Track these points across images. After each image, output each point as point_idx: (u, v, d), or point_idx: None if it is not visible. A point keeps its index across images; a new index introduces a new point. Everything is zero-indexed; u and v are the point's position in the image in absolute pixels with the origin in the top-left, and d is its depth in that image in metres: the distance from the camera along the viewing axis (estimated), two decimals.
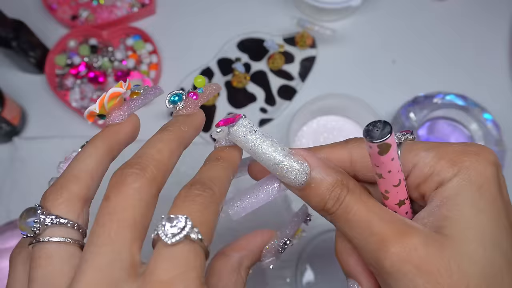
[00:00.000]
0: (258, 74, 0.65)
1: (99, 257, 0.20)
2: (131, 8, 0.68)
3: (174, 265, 0.21)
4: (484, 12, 0.68)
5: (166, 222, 0.21)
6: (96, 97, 0.63)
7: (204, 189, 0.24)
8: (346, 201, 0.25)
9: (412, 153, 0.26)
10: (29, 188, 0.59)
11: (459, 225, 0.23)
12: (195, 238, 0.21)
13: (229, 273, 0.29)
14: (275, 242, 0.33)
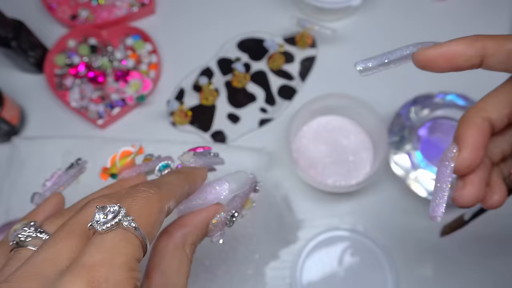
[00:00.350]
0: (258, 74, 0.65)
1: (38, 256, 0.22)
2: (130, 7, 0.68)
3: (100, 250, 0.21)
4: (484, 12, 0.68)
5: (99, 211, 0.22)
6: (96, 97, 0.63)
7: (150, 187, 0.25)
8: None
9: None
10: (29, 188, 0.58)
11: None
12: (128, 225, 0.22)
13: (172, 251, 0.28)
14: (221, 216, 0.31)
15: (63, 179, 0.33)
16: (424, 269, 0.56)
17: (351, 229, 0.56)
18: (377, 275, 0.55)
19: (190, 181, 0.29)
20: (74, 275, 0.20)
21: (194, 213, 0.31)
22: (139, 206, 0.23)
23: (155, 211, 0.24)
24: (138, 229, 0.22)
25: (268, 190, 0.57)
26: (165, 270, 0.28)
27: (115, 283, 0.20)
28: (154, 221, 0.24)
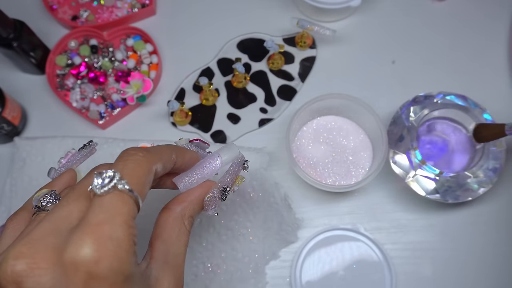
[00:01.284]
0: (258, 74, 0.65)
1: (53, 214, 0.26)
2: (131, 8, 0.68)
3: (102, 210, 0.25)
4: (484, 12, 0.68)
5: (98, 177, 0.26)
6: (96, 97, 0.63)
7: (138, 151, 0.29)
8: None
9: None
10: (30, 188, 0.59)
11: None
12: (122, 188, 0.26)
13: (172, 224, 0.32)
14: (214, 191, 0.35)
15: (76, 158, 0.37)
16: (423, 269, 0.56)
17: (351, 228, 0.56)
18: (376, 275, 0.55)
19: (177, 152, 0.33)
20: (84, 233, 0.24)
21: (190, 190, 0.34)
22: (130, 168, 0.27)
23: (144, 172, 0.28)
24: (131, 190, 0.26)
25: (268, 190, 0.57)
26: (166, 239, 0.31)
27: (117, 239, 0.24)
28: (144, 181, 0.28)
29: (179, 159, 0.33)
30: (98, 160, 0.60)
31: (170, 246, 0.31)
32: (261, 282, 0.55)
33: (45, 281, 0.23)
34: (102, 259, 0.23)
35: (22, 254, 0.24)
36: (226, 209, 0.56)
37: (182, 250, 0.32)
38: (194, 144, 0.37)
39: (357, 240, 0.56)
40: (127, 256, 0.24)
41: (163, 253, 0.31)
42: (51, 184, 0.35)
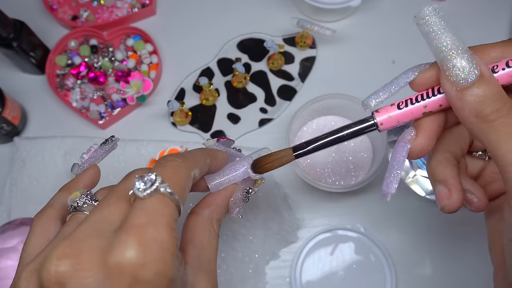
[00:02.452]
0: (258, 74, 0.65)
1: (95, 216, 0.26)
2: (131, 8, 0.68)
3: (145, 213, 0.24)
4: (484, 12, 0.68)
5: (139, 180, 0.25)
6: (96, 97, 0.63)
7: (176, 157, 0.29)
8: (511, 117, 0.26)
9: None
10: (30, 188, 0.59)
11: None
12: (164, 191, 0.25)
13: (202, 227, 0.32)
14: (238, 193, 0.35)
15: (98, 153, 0.37)
16: (423, 268, 0.56)
17: (351, 228, 0.56)
18: (376, 275, 0.55)
19: (211, 155, 0.33)
20: (128, 234, 0.23)
21: (215, 194, 0.35)
22: (170, 173, 0.27)
23: (184, 177, 0.28)
24: (173, 193, 0.26)
25: (268, 190, 0.57)
26: (198, 244, 0.31)
27: (162, 241, 0.24)
28: (184, 186, 0.28)
29: (212, 162, 0.33)
30: None
31: (202, 251, 0.31)
32: (261, 282, 0.55)
33: (89, 283, 0.23)
34: (147, 262, 0.23)
35: (66, 254, 0.23)
36: None
37: (214, 254, 0.32)
38: (221, 143, 0.37)
39: (357, 240, 0.56)
40: (171, 259, 0.24)
41: (196, 258, 0.31)
42: (75, 180, 0.34)
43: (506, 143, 0.25)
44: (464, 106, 0.27)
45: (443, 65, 0.27)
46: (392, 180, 0.31)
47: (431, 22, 0.27)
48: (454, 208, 0.31)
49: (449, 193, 0.31)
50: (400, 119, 0.30)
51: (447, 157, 0.32)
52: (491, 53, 0.28)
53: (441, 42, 0.27)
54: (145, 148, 0.59)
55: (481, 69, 0.26)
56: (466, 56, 0.26)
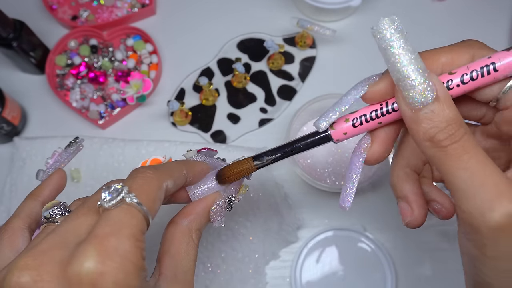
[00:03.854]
0: (258, 74, 0.65)
1: (62, 227, 0.26)
2: (131, 8, 0.68)
3: (109, 223, 0.25)
4: (484, 12, 0.68)
5: (106, 191, 0.25)
6: (96, 97, 0.63)
7: (148, 168, 0.29)
8: (464, 141, 0.25)
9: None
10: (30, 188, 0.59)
11: None
12: (130, 201, 0.25)
13: (179, 237, 0.32)
14: (220, 202, 0.34)
15: (63, 157, 0.37)
16: (423, 268, 0.56)
17: (351, 228, 0.56)
18: (376, 275, 0.55)
19: (188, 167, 0.33)
20: (89, 244, 0.23)
21: (195, 203, 0.34)
22: (139, 184, 0.27)
23: (154, 188, 0.27)
24: (140, 204, 0.26)
25: (268, 190, 0.57)
26: (174, 254, 0.31)
27: (123, 251, 0.24)
28: (154, 197, 0.27)
29: (190, 174, 0.32)
30: (98, 161, 0.60)
31: (179, 261, 0.31)
32: (261, 282, 0.55)
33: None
34: (107, 271, 0.23)
35: (27, 266, 0.24)
36: None
37: (191, 265, 0.31)
38: (202, 154, 0.36)
39: (357, 240, 0.56)
40: (134, 269, 0.24)
41: (172, 269, 0.30)
42: (40, 187, 0.34)
43: (458, 168, 0.25)
44: (418, 130, 0.26)
45: (399, 85, 0.26)
46: (348, 193, 0.32)
47: (388, 36, 0.25)
48: (418, 224, 0.31)
49: (411, 210, 0.31)
50: (355, 133, 0.30)
51: (407, 172, 0.32)
52: (441, 58, 0.28)
53: (398, 61, 0.25)
54: (145, 148, 0.59)
55: (437, 90, 0.25)
56: (423, 78, 0.25)
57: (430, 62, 0.28)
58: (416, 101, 0.25)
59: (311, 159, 0.59)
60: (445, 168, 0.25)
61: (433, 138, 0.25)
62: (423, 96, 0.25)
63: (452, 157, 0.25)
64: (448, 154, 0.25)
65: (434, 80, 0.26)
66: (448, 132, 0.25)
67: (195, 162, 0.34)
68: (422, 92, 0.25)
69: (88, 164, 0.60)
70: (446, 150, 0.25)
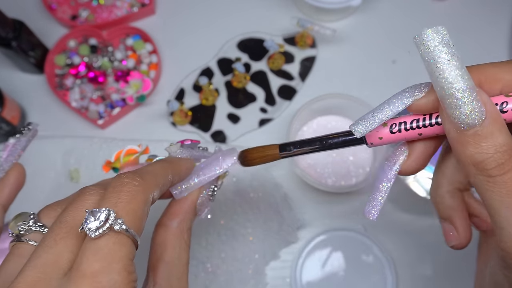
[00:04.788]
0: (258, 74, 0.65)
1: (40, 258, 0.22)
2: (131, 8, 0.68)
3: (98, 257, 0.22)
4: (485, 12, 0.68)
5: (90, 216, 0.23)
6: (96, 97, 0.63)
7: (133, 178, 0.25)
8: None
9: None
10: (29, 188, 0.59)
11: None
12: (119, 229, 0.23)
13: (172, 242, 0.30)
14: (204, 194, 0.33)
15: (17, 148, 0.33)
16: (423, 269, 0.56)
17: (351, 229, 0.56)
18: (377, 275, 0.55)
19: (174, 170, 0.30)
20: (79, 286, 0.21)
21: (181, 201, 0.32)
22: (126, 202, 0.24)
23: (141, 205, 0.25)
24: (129, 230, 0.23)
25: (268, 190, 0.57)
26: (168, 261, 0.29)
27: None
28: (141, 215, 0.25)
29: (175, 176, 0.30)
30: (97, 161, 0.60)
31: (173, 268, 0.29)
32: (261, 283, 0.55)
33: None
34: None
35: None
36: (226, 210, 0.56)
37: (184, 269, 0.30)
38: (186, 147, 0.34)
39: (357, 240, 0.56)
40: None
41: (166, 277, 0.29)
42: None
43: (505, 206, 0.22)
44: (464, 152, 0.23)
45: (444, 103, 0.23)
46: (375, 205, 0.29)
47: (433, 49, 0.23)
48: (464, 246, 0.30)
49: (456, 232, 0.30)
50: (391, 141, 0.28)
51: (450, 191, 0.30)
52: (504, 76, 0.24)
53: (444, 77, 0.22)
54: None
55: (487, 112, 0.23)
56: (472, 97, 0.22)
57: (489, 79, 0.25)
58: (462, 123, 0.23)
59: (312, 159, 0.59)
60: (489, 201, 0.23)
61: (480, 165, 0.23)
62: (470, 117, 0.22)
63: (498, 190, 0.22)
64: (495, 185, 0.23)
65: (484, 100, 0.23)
66: (498, 161, 0.22)
67: (180, 161, 0.32)
68: (469, 112, 0.22)
69: (88, 164, 0.59)
70: (494, 181, 0.23)
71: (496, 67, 0.25)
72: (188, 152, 0.34)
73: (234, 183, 0.57)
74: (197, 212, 0.33)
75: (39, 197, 0.58)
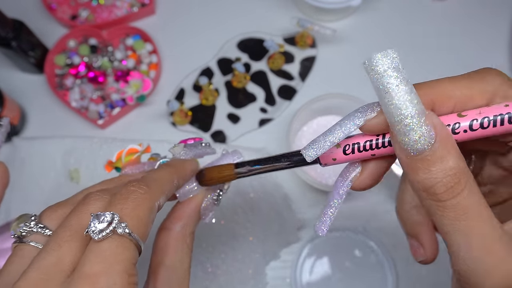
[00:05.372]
0: (258, 74, 0.65)
1: (44, 260, 0.23)
2: (131, 8, 0.68)
3: (99, 259, 0.22)
4: (485, 12, 0.68)
5: (95, 220, 0.23)
6: (96, 97, 0.63)
7: (139, 186, 0.26)
8: (464, 197, 0.22)
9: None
10: (29, 188, 0.59)
11: None
12: (122, 232, 0.23)
13: (175, 246, 0.30)
14: (209, 198, 0.33)
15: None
16: (423, 269, 0.56)
17: (351, 229, 0.56)
18: (377, 275, 0.55)
19: (179, 175, 0.30)
20: (79, 286, 0.21)
21: (185, 203, 0.32)
22: (131, 209, 0.24)
23: (146, 212, 0.25)
24: (132, 234, 0.23)
25: (268, 190, 0.57)
26: (169, 265, 0.29)
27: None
28: (146, 221, 0.25)
29: (181, 181, 0.30)
30: (97, 161, 0.60)
31: (174, 272, 0.29)
32: (261, 283, 0.55)
33: None
34: None
35: None
36: (226, 210, 0.56)
37: (186, 274, 0.30)
38: (188, 146, 0.34)
39: (358, 240, 0.56)
40: None
41: (167, 282, 0.28)
42: None
43: (455, 229, 0.22)
44: (414, 178, 0.23)
45: (393, 129, 0.23)
46: (325, 221, 0.29)
47: (382, 74, 0.22)
48: (431, 261, 0.30)
49: (422, 248, 0.30)
50: (345, 161, 0.27)
51: (414, 206, 0.30)
52: (455, 91, 0.23)
53: (392, 103, 0.22)
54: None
55: (437, 135, 0.22)
56: (420, 123, 0.22)
57: (440, 96, 0.24)
58: (412, 149, 0.22)
59: None
60: (440, 225, 0.23)
61: (429, 190, 0.22)
62: (419, 143, 0.22)
63: (448, 214, 0.22)
64: (445, 209, 0.22)
65: (435, 123, 0.22)
66: (446, 185, 0.22)
67: (185, 164, 0.32)
68: (418, 138, 0.22)
69: (88, 164, 0.59)
70: (443, 205, 0.22)
71: (451, 83, 0.24)
72: (192, 152, 0.34)
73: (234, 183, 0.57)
74: (201, 216, 0.32)
75: (39, 197, 0.58)
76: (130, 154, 0.34)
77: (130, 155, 0.34)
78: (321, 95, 0.58)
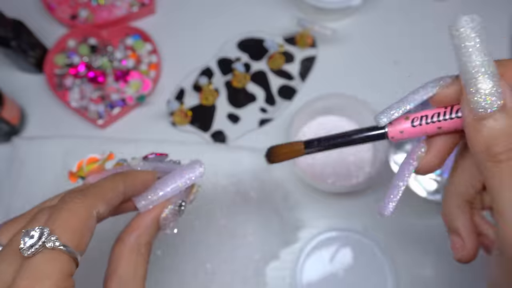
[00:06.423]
0: (258, 74, 0.65)
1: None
2: (130, 7, 0.68)
3: (27, 275, 0.23)
4: (485, 12, 0.68)
5: (25, 236, 0.23)
6: (96, 97, 0.63)
7: (74, 196, 0.26)
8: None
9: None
10: (29, 188, 0.59)
11: None
12: (52, 246, 0.23)
13: (127, 256, 0.30)
14: (170, 208, 0.32)
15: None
16: (423, 269, 0.56)
17: (351, 229, 0.56)
18: (377, 275, 0.55)
19: (126, 181, 0.30)
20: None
21: (143, 215, 0.32)
22: (64, 220, 0.24)
23: (81, 221, 0.25)
24: (64, 245, 0.23)
25: (268, 190, 0.57)
26: (122, 275, 0.29)
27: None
28: (82, 230, 0.25)
29: (129, 188, 0.30)
30: None
31: (127, 282, 0.29)
32: (261, 283, 0.55)
33: None
34: None
35: None
36: (226, 210, 0.56)
37: (140, 284, 0.29)
38: (150, 160, 0.34)
39: (358, 240, 0.56)
40: None
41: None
42: None
43: (505, 192, 0.23)
44: (477, 138, 0.24)
45: (466, 87, 0.24)
46: (391, 201, 0.31)
47: (465, 36, 0.24)
48: (471, 259, 0.30)
49: (463, 244, 0.30)
50: (412, 134, 0.29)
51: (459, 204, 0.30)
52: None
53: (470, 61, 0.24)
54: (144, 149, 0.59)
55: (505, 99, 0.23)
56: (492, 82, 0.23)
57: (509, 72, 0.25)
58: (479, 107, 0.23)
59: (311, 159, 0.59)
60: (493, 185, 0.23)
61: (489, 149, 0.23)
62: (487, 102, 0.23)
63: (504, 175, 0.23)
64: (501, 170, 0.23)
65: (504, 88, 0.23)
66: (507, 146, 0.23)
67: (137, 173, 0.32)
68: (487, 97, 0.23)
69: None
70: (500, 166, 0.23)
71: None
72: (150, 165, 0.33)
73: (235, 183, 0.57)
74: (161, 227, 0.32)
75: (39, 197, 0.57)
76: (92, 163, 0.34)
77: (91, 163, 0.34)
78: (321, 95, 0.58)
